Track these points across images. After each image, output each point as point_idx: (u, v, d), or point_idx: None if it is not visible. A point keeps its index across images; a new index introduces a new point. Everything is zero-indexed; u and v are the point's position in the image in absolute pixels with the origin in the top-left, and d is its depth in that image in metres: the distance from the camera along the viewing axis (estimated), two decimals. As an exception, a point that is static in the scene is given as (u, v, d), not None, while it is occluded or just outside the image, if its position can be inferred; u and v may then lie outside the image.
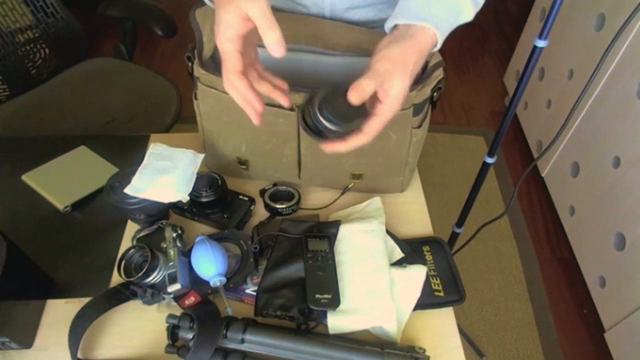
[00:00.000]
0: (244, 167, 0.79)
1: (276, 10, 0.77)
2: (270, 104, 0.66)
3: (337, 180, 0.79)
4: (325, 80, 0.72)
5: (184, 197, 0.69)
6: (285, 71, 0.73)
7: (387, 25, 0.60)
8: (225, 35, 0.49)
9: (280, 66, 0.73)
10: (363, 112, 0.55)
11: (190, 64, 0.69)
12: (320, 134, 0.55)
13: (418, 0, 0.58)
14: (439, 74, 0.66)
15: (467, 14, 0.62)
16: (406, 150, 0.73)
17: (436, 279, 0.70)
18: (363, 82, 0.52)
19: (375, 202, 0.78)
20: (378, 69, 0.53)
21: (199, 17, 0.68)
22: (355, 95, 0.52)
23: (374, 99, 0.54)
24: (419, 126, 0.70)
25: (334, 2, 0.73)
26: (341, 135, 0.55)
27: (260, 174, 0.81)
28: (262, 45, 0.50)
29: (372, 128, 0.55)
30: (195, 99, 0.73)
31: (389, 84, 0.53)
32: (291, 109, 0.66)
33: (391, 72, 0.53)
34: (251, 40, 0.54)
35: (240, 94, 0.53)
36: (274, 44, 0.47)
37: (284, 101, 0.58)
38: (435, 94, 0.67)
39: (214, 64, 0.75)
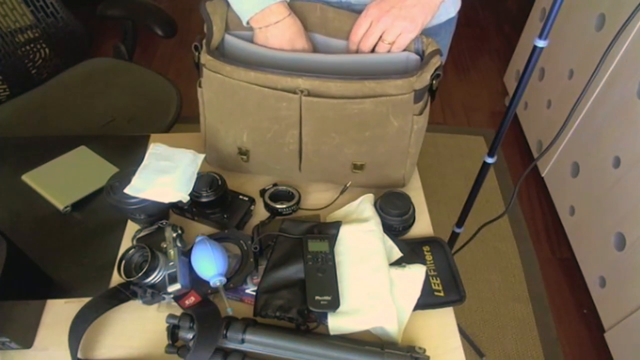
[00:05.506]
0: (244, 157, 0.79)
1: None
2: (273, 87, 0.67)
3: (338, 172, 0.79)
4: (329, 66, 0.73)
5: (184, 197, 0.69)
6: (290, 58, 0.73)
7: None
8: None
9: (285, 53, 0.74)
10: (408, 202, 0.76)
11: (197, 54, 0.72)
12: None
13: None
14: (436, 60, 0.68)
15: None
16: (407, 139, 0.74)
17: (436, 279, 0.70)
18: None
19: (368, 197, 0.78)
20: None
21: (209, 8, 0.73)
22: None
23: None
24: (420, 113, 0.71)
25: None
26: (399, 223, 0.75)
27: (260, 165, 0.81)
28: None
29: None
30: (200, 87, 0.75)
31: None
32: (294, 92, 0.66)
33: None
34: None
35: None
36: None
37: None
38: (434, 81, 0.68)
39: (220, 55, 0.77)
